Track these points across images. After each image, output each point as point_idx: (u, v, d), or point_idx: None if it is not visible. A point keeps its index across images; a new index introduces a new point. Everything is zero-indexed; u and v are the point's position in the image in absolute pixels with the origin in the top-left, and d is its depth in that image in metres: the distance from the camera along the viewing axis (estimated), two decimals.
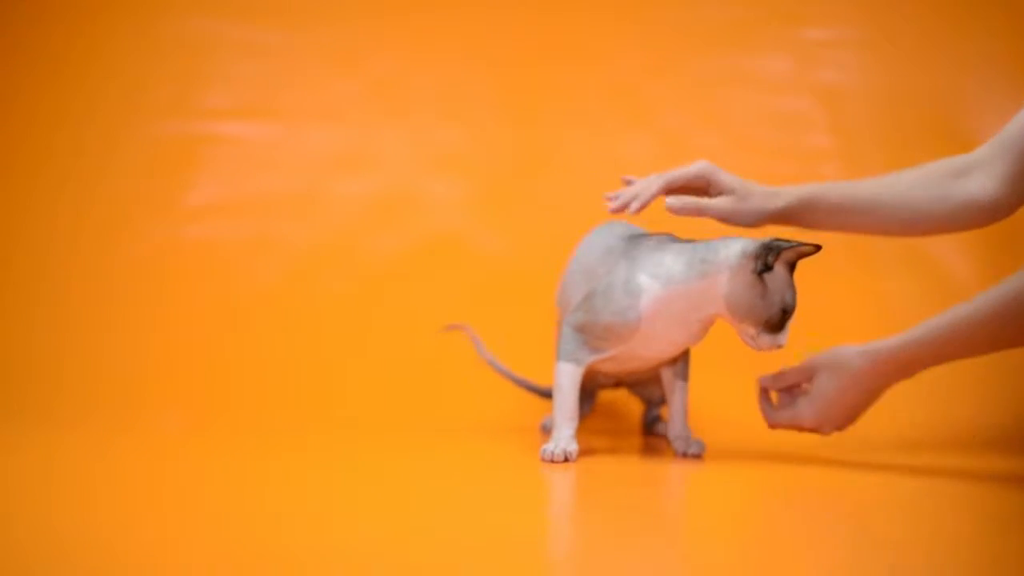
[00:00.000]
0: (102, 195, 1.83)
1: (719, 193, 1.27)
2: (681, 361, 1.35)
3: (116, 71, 1.89)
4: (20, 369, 1.70)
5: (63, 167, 1.85)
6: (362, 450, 1.39)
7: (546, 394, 1.58)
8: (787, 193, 1.28)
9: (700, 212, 1.26)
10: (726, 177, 1.28)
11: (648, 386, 1.53)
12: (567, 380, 1.26)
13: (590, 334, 1.25)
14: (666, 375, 1.35)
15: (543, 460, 1.22)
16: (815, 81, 1.88)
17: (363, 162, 1.87)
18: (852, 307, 1.75)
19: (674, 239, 1.26)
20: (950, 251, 1.76)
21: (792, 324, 1.22)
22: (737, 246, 1.19)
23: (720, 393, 1.65)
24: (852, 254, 1.74)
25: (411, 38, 1.92)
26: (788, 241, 1.18)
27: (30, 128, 1.86)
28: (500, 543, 0.81)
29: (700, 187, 1.29)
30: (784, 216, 1.28)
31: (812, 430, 1.33)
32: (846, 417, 1.31)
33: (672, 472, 1.22)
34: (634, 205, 1.26)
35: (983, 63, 1.84)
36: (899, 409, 1.61)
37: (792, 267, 1.21)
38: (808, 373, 1.33)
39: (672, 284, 1.20)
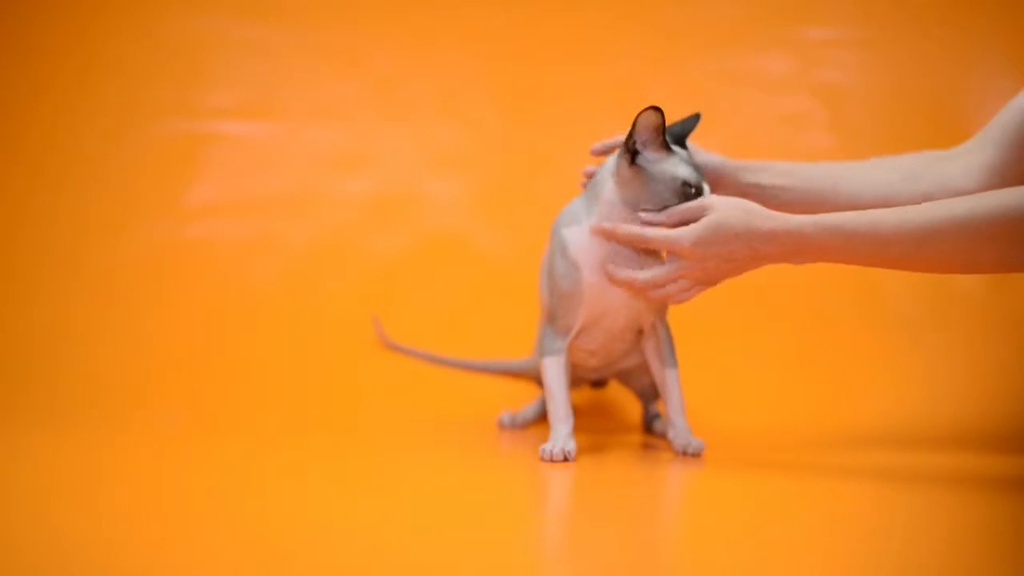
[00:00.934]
0: (102, 195, 1.83)
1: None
2: (663, 344, 1.31)
3: (116, 71, 1.89)
4: (20, 369, 1.70)
5: (63, 167, 1.85)
6: (362, 449, 1.39)
7: (465, 366, 1.66)
8: (748, 168, 1.30)
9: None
10: (705, 156, 1.31)
11: (635, 375, 1.52)
12: (552, 374, 1.27)
13: (555, 316, 1.27)
14: (654, 365, 1.32)
15: (542, 460, 1.21)
16: (816, 81, 1.89)
17: (363, 162, 1.87)
18: (846, 298, 1.75)
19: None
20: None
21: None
22: (609, 159, 1.24)
23: (721, 392, 1.65)
24: None
25: (411, 38, 1.91)
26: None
27: (30, 128, 1.86)
28: (499, 543, 0.81)
29: (709, 179, 1.32)
30: (735, 174, 1.30)
31: (678, 274, 1.21)
32: (719, 273, 1.20)
33: (671, 471, 1.22)
34: (596, 145, 1.30)
35: (984, 63, 1.84)
36: (899, 408, 1.61)
37: (667, 144, 1.21)
38: (700, 212, 1.20)
39: (584, 221, 1.24)
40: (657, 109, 1.18)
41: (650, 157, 1.21)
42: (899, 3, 1.89)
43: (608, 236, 1.23)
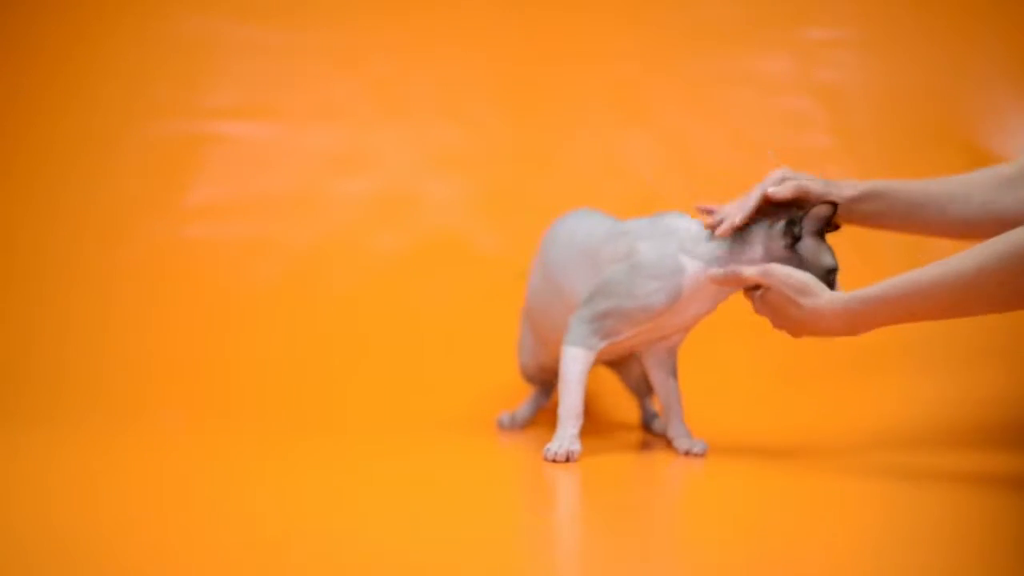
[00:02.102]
0: (102, 195, 1.83)
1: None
2: (669, 358, 1.35)
3: (116, 70, 1.89)
4: (20, 369, 1.70)
5: (63, 167, 1.85)
6: (363, 449, 1.39)
7: None
8: (852, 185, 1.29)
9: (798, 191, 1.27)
10: (807, 180, 1.29)
11: (628, 367, 1.53)
12: (577, 367, 1.26)
13: (615, 318, 1.26)
14: (658, 374, 1.35)
15: (546, 459, 1.21)
16: (816, 81, 1.88)
17: (363, 162, 1.86)
18: None
19: (691, 218, 1.29)
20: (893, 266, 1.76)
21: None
22: (763, 228, 1.25)
23: (720, 393, 1.65)
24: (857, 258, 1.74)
25: (411, 38, 1.91)
26: (805, 211, 1.24)
27: (30, 128, 1.86)
28: (504, 544, 0.81)
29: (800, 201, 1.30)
30: (850, 206, 1.29)
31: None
32: (791, 327, 1.24)
33: (673, 472, 1.22)
34: (739, 216, 1.27)
35: (985, 63, 1.84)
36: (899, 409, 1.61)
37: (821, 233, 1.25)
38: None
39: (713, 264, 1.25)
40: (833, 205, 1.23)
41: (808, 243, 1.24)
42: (899, 3, 1.89)
43: (725, 282, 1.25)
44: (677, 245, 1.26)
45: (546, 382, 1.55)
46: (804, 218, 1.23)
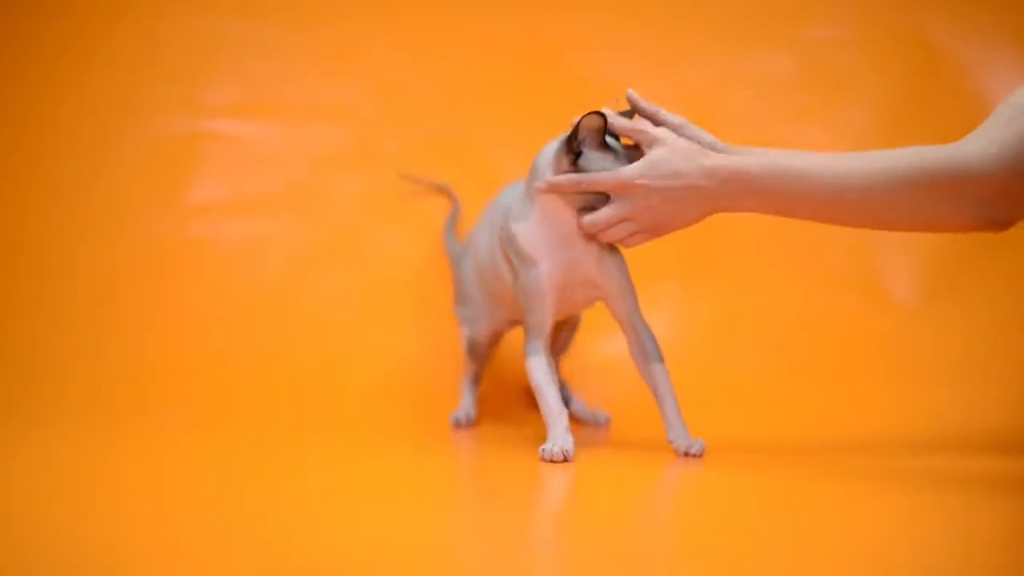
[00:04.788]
0: (102, 193, 1.83)
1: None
2: (645, 339, 1.30)
3: (116, 69, 1.89)
4: (20, 368, 1.70)
5: (63, 165, 1.85)
6: (364, 450, 1.39)
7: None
8: (736, 152, 1.22)
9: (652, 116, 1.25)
10: (696, 132, 1.26)
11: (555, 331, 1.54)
12: (539, 373, 1.27)
13: (526, 314, 1.28)
14: (638, 362, 1.30)
15: (543, 460, 1.21)
16: (816, 80, 1.88)
17: (363, 162, 1.86)
18: (845, 297, 1.75)
19: (515, 183, 1.35)
20: (895, 272, 1.76)
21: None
22: (546, 150, 1.27)
23: (720, 393, 1.65)
24: (800, 265, 1.74)
25: (411, 38, 1.91)
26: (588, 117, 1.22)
27: (30, 127, 1.86)
28: (505, 544, 0.81)
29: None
30: (731, 174, 1.20)
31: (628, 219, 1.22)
32: (664, 216, 1.20)
33: (671, 473, 1.22)
34: (644, 105, 1.26)
35: (988, 61, 1.84)
36: (900, 409, 1.61)
37: (604, 144, 1.24)
38: (650, 141, 1.22)
39: (525, 216, 1.27)
40: (600, 114, 1.22)
41: (591, 156, 1.24)
42: (900, 3, 1.89)
43: (554, 189, 1.24)
44: (508, 217, 1.29)
45: (484, 359, 1.59)
46: (577, 131, 1.22)
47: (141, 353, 1.72)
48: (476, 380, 1.61)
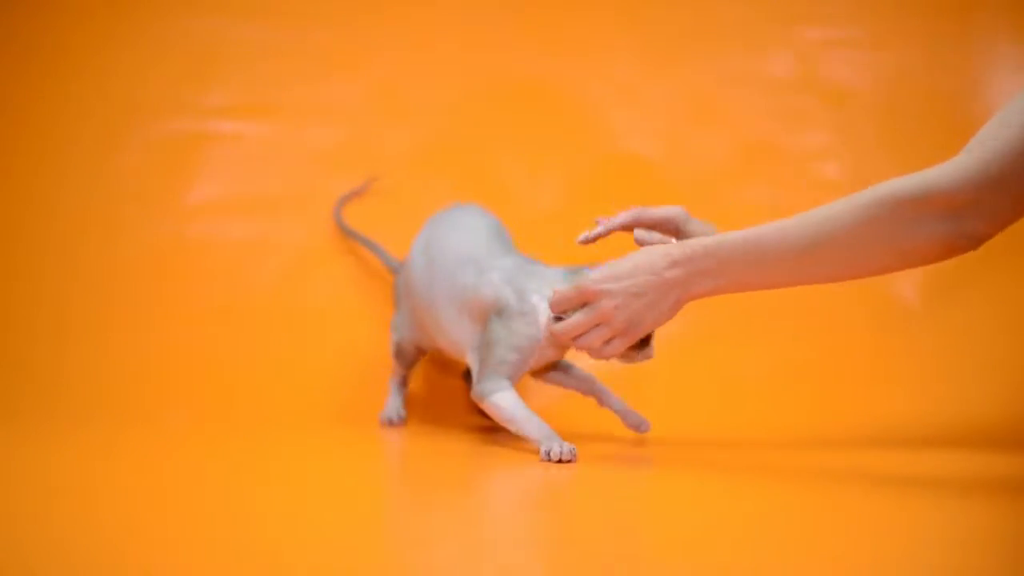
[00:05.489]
0: (102, 195, 1.83)
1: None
2: (576, 372, 1.45)
3: (116, 69, 1.89)
4: (20, 369, 1.70)
5: (63, 165, 1.85)
6: (364, 449, 1.39)
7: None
8: (698, 225, 1.27)
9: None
10: (697, 226, 1.27)
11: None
12: (511, 404, 1.29)
13: (504, 363, 1.31)
14: (581, 387, 1.45)
15: (547, 460, 1.21)
16: (816, 80, 1.88)
17: (363, 162, 1.86)
18: (846, 298, 1.75)
19: (534, 261, 1.37)
20: (897, 276, 1.76)
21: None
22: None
23: (719, 393, 1.65)
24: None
25: (411, 38, 1.91)
26: None
27: (30, 128, 1.86)
28: (504, 545, 0.81)
29: (670, 231, 1.29)
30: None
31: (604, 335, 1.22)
32: (635, 315, 1.19)
33: (668, 473, 1.22)
34: (598, 229, 1.29)
35: (988, 62, 1.84)
36: (898, 409, 1.61)
37: None
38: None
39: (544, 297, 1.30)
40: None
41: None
42: (900, 3, 1.89)
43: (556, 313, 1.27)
44: (528, 285, 1.33)
45: (411, 364, 1.62)
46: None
47: (141, 353, 1.72)
48: (403, 383, 1.65)
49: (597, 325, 1.21)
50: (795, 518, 0.95)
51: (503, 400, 1.29)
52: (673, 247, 1.17)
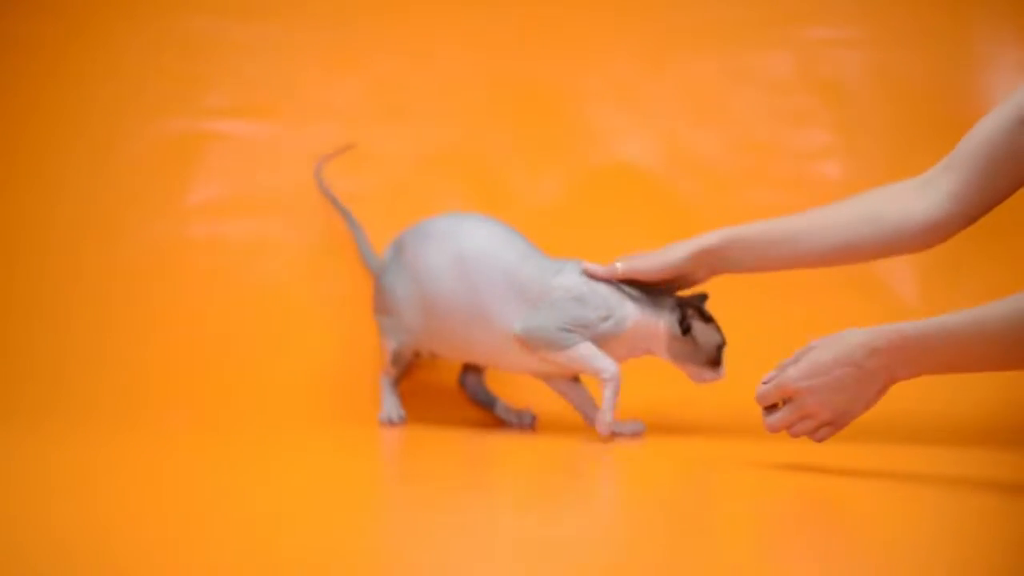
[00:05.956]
0: (102, 195, 1.83)
1: None
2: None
3: (116, 69, 1.89)
4: (20, 369, 1.70)
5: (63, 165, 1.85)
6: (364, 449, 1.39)
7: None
8: (702, 237, 1.39)
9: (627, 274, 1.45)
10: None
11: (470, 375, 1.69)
12: (591, 352, 1.43)
13: (578, 328, 1.44)
14: (561, 387, 1.55)
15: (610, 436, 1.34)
16: (817, 80, 1.88)
17: (363, 162, 1.86)
18: (845, 297, 1.75)
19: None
20: (897, 272, 1.76)
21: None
22: (663, 318, 1.44)
23: (718, 393, 1.65)
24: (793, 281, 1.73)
25: (411, 38, 1.91)
26: (687, 299, 1.44)
27: (30, 127, 1.86)
28: (506, 545, 0.81)
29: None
30: (702, 256, 1.39)
31: (813, 423, 1.21)
32: (838, 406, 1.18)
33: (669, 473, 1.22)
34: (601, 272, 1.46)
35: (988, 61, 1.84)
36: (898, 408, 1.61)
37: (703, 314, 1.44)
38: (803, 352, 1.21)
39: (640, 321, 1.44)
40: (705, 295, 1.48)
41: (698, 327, 1.43)
42: (900, 3, 1.89)
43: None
44: (623, 291, 1.47)
45: (406, 367, 1.64)
46: (687, 310, 1.42)
47: (141, 353, 1.72)
48: (396, 382, 1.64)
49: (803, 418, 1.20)
50: (795, 518, 0.95)
51: (587, 347, 1.43)
52: (871, 335, 1.15)
